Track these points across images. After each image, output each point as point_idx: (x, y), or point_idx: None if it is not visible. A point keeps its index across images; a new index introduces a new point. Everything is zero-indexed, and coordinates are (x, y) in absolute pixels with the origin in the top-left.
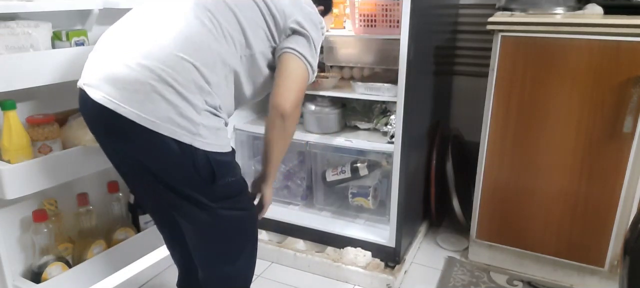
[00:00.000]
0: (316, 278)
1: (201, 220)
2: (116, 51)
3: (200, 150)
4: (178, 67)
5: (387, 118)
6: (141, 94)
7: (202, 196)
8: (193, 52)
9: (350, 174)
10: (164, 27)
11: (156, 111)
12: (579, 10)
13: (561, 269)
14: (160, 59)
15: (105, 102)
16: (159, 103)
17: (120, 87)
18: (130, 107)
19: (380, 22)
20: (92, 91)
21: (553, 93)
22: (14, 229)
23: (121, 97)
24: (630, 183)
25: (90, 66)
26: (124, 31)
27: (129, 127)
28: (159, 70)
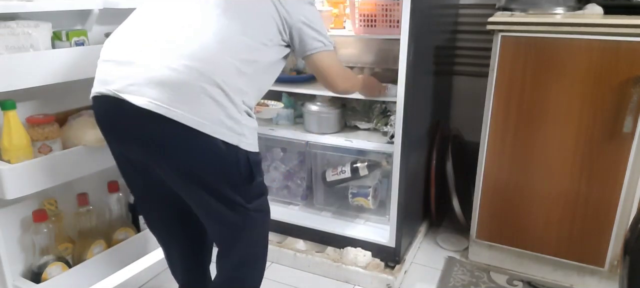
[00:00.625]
0: (316, 278)
1: (232, 222)
2: (150, 53)
3: (242, 150)
4: (223, 68)
5: (387, 118)
6: (191, 96)
7: (240, 196)
8: (232, 50)
9: (350, 174)
10: (197, 25)
11: (207, 113)
12: (579, 10)
13: (561, 269)
14: (206, 60)
15: (153, 107)
16: (209, 105)
17: (168, 91)
18: (181, 111)
19: (380, 22)
20: (132, 97)
21: (553, 93)
22: (14, 229)
23: (170, 101)
24: (630, 183)
25: (113, 71)
26: (148, 31)
27: (177, 131)
28: (208, 72)
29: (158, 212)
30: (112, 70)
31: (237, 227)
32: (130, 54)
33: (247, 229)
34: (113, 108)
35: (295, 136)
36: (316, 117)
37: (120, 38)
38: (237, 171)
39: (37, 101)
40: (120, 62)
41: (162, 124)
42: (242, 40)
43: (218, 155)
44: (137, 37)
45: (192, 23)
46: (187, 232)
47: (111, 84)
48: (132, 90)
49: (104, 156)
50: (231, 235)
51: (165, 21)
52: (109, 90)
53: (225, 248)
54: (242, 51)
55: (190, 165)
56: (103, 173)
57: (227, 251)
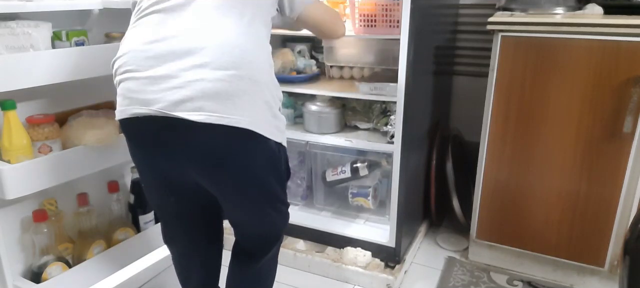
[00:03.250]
0: (316, 278)
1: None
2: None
3: (283, 147)
4: (262, 67)
5: (387, 118)
6: (246, 102)
7: (283, 192)
8: (265, 48)
9: (350, 174)
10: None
11: (262, 116)
12: (579, 10)
13: (561, 269)
14: (249, 65)
15: (214, 119)
16: (262, 107)
17: (223, 101)
18: (241, 117)
19: (380, 22)
20: (187, 114)
21: (553, 93)
22: (14, 229)
23: (226, 110)
24: (630, 183)
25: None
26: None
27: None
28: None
29: (186, 227)
30: (147, 87)
31: (275, 226)
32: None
33: (281, 228)
34: (162, 128)
35: (295, 136)
36: (316, 117)
37: (141, 50)
38: (281, 168)
39: (37, 101)
40: (157, 79)
41: (223, 135)
42: (264, 33)
43: (271, 155)
44: (165, 48)
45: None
46: (211, 245)
47: (154, 103)
48: (187, 107)
49: (104, 156)
50: (267, 234)
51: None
52: (154, 110)
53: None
54: (267, 44)
55: (249, 168)
56: (103, 173)
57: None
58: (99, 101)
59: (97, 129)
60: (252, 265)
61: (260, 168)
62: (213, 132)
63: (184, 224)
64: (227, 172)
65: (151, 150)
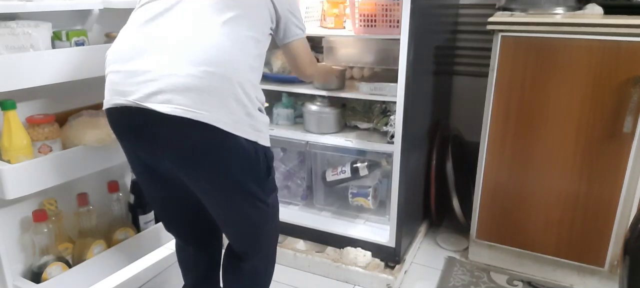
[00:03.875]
0: (316, 278)
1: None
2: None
3: (260, 145)
4: (240, 67)
5: (387, 118)
6: (215, 98)
7: (262, 191)
8: (245, 49)
9: (350, 174)
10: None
11: (231, 113)
12: (579, 10)
13: (561, 269)
14: (224, 62)
15: (180, 112)
16: (233, 105)
17: (193, 96)
18: (207, 113)
19: (380, 22)
20: (157, 106)
21: (553, 93)
22: (14, 229)
23: (196, 105)
24: (630, 183)
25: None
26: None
27: (205, 133)
28: (227, 74)
29: (177, 217)
30: (127, 80)
31: (256, 224)
32: (144, 63)
33: (265, 226)
34: (137, 118)
35: (295, 136)
36: (316, 117)
37: (126, 46)
38: (258, 167)
39: (37, 101)
40: (135, 72)
41: (190, 129)
42: (249, 35)
43: (243, 153)
44: (146, 44)
45: (201, 26)
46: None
47: (130, 94)
48: (157, 99)
49: (104, 156)
50: (251, 233)
51: (172, 25)
52: (129, 101)
53: (243, 247)
54: (252, 47)
55: (219, 165)
56: (103, 173)
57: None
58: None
59: (97, 128)
60: (240, 264)
61: (229, 164)
62: (181, 125)
63: (175, 214)
64: (197, 165)
65: (131, 139)
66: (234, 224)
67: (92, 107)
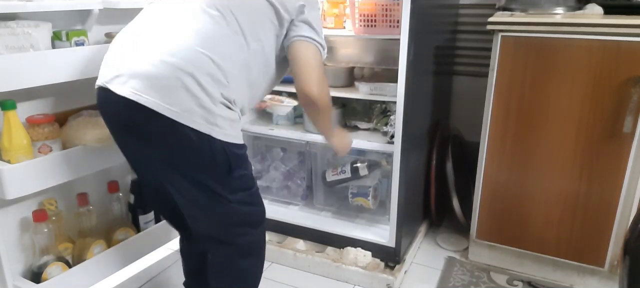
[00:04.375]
0: (316, 278)
1: (217, 213)
2: (138, 51)
3: (217, 140)
4: (197, 61)
5: (387, 118)
6: (165, 87)
7: (220, 187)
8: (210, 46)
9: (350, 174)
10: (180, 26)
11: (178, 102)
12: (579, 10)
13: (561, 269)
14: (180, 55)
15: (130, 95)
16: (181, 94)
17: (145, 82)
18: (153, 98)
19: (380, 22)
20: (117, 87)
21: (553, 93)
22: (14, 229)
23: (146, 90)
24: (630, 183)
25: (110, 66)
26: (141, 32)
27: (151, 118)
28: (181, 64)
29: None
30: (107, 65)
31: (222, 216)
32: (123, 52)
33: (231, 219)
34: (104, 98)
35: (295, 136)
36: None
37: (120, 37)
38: (212, 160)
39: (37, 101)
40: (115, 59)
41: (140, 112)
42: (225, 37)
43: (191, 143)
44: (131, 38)
45: (178, 25)
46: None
47: (105, 77)
48: (118, 81)
49: (104, 156)
50: (217, 224)
51: (159, 24)
52: (101, 82)
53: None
54: (224, 49)
55: (168, 151)
56: (103, 173)
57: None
58: None
59: (97, 128)
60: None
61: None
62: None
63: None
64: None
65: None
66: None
67: (92, 107)
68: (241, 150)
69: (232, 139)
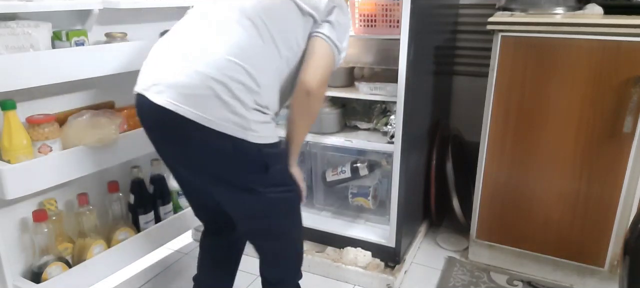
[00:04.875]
0: (316, 278)
1: (250, 203)
2: (174, 62)
3: (252, 143)
4: (229, 70)
5: (387, 118)
6: (199, 96)
7: (255, 184)
8: (242, 56)
9: (350, 174)
10: (214, 37)
11: (212, 110)
12: (579, 10)
13: (561, 269)
14: (213, 65)
15: (167, 104)
16: (215, 103)
17: (180, 92)
18: (190, 108)
19: (380, 22)
20: (154, 96)
21: (553, 93)
22: (14, 229)
23: (181, 99)
24: (630, 183)
25: (148, 74)
26: (178, 43)
27: (187, 127)
28: (213, 74)
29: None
30: (146, 72)
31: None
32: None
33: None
34: (142, 104)
35: None
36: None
37: (158, 48)
38: (247, 161)
39: (37, 101)
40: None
41: (177, 120)
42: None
43: (227, 147)
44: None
45: (212, 36)
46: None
47: (141, 83)
48: (155, 90)
49: (104, 156)
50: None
51: (192, 35)
52: (139, 89)
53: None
54: (256, 57)
55: (205, 157)
56: (103, 173)
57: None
58: (99, 101)
59: (97, 128)
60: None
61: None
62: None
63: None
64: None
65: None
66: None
67: (92, 107)
68: (275, 149)
69: (266, 140)
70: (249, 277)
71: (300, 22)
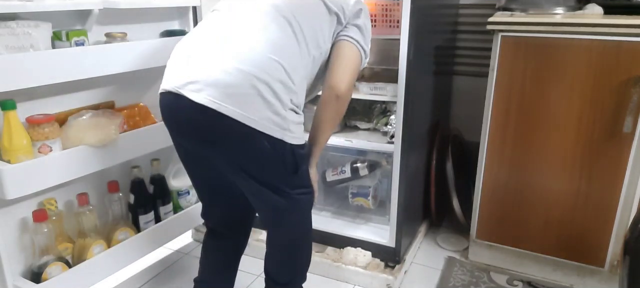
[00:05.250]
0: (316, 278)
1: (279, 205)
2: (211, 58)
3: (288, 144)
4: (270, 68)
5: (387, 118)
6: (241, 95)
7: (284, 185)
8: (280, 54)
9: (350, 174)
10: (251, 33)
11: (255, 110)
12: (579, 10)
13: (561, 269)
14: (255, 63)
15: (208, 103)
16: (258, 102)
17: (222, 90)
18: (232, 107)
19: (380, 22)
20: (192, 94)
21: (553, 93)
22: (14, 229)
23: (223, 98)
24: (630, 183)
25: (179, 71)
26: (210, 39)
27: (228, 126)
28: (256, 72)
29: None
30: (176, 70)
31: (284, 207)
32: (194, 58)
33: (292, 209)
34: (174, 103)
35: None
36: None
37: (188, 42)
38: (282, 162)
39: (37, 101)
40: (184, 64)
41: (216, 119)
42: (292, 44)
43: (265, 147)
44: (200, 44)
45: (248, 32)
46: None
47: (173, 82)
48: (192, 88)
49: (104, 156)
50: (278, 215)
51: (226, 30)
52: (171, 87)
53: (273, 229)
54: (292, 56)
55: (240, 157)
56: (103, 173)
57: (275, 232)
58: (99, 101)
59: (97, 129)
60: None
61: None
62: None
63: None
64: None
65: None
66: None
67: (92, 107)
68: (304, 150)
69: (299, 141)
70: (249, 277)
71: (326, 20)
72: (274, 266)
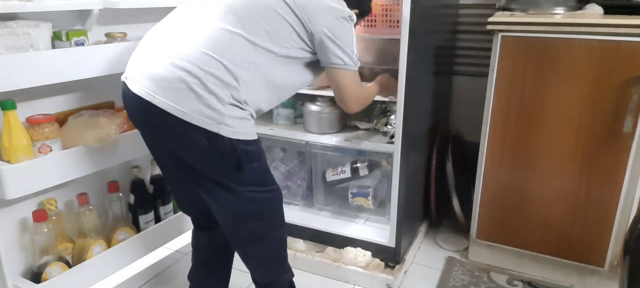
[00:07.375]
0: (316, 278)
1: (231, 203)
2: (155, 53)
3: (226, 138)
4: (204, 64)
5: (387, 118)
6: (174, 89)
7: (231, 181)
8: (220, 51)
9: (350, 174)
10: (194, 32)
11: (187, 103)
12: (579, 10)
13: (561, 269)
14: (190, 59)
15: (143, 94)
16: (190, 96)
17: (156, 83)
18: (164, 99)
19: (380, 22)
20: (133, 85)
21: (553, 93)
22: (14, 229)
23: (157, 90)
24: (630, 183)
25: (132, 64)
26: (160, 35)
27: (163, 118)
28: (190, 68)
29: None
30: (131, 62)
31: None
32: (144, 52)
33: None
34: (124, 92)
35: (295, 136)
36: (316, 117)
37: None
38: (221, 156)
39: (37, 101)
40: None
41: (153, 111)
42: (241, 42)
43: (200, 142)
44: (151, 39)
45: (192, 30)
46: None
47: (126, 71)
48: (132, 78)
49: (104, 156)
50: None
51: (174, 28)
52: (123, 77)
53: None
54: (239, 53)
55: (181, 148)
56: (103, 173)
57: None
58: (99, 101)
59: (97, 128)
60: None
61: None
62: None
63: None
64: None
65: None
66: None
67: (92, 107)
68: (252, 146)
69: (241, 136)
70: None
71: (294, 20)
72: (253, 271)
